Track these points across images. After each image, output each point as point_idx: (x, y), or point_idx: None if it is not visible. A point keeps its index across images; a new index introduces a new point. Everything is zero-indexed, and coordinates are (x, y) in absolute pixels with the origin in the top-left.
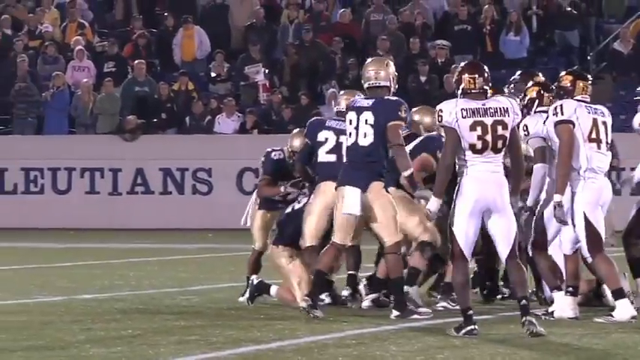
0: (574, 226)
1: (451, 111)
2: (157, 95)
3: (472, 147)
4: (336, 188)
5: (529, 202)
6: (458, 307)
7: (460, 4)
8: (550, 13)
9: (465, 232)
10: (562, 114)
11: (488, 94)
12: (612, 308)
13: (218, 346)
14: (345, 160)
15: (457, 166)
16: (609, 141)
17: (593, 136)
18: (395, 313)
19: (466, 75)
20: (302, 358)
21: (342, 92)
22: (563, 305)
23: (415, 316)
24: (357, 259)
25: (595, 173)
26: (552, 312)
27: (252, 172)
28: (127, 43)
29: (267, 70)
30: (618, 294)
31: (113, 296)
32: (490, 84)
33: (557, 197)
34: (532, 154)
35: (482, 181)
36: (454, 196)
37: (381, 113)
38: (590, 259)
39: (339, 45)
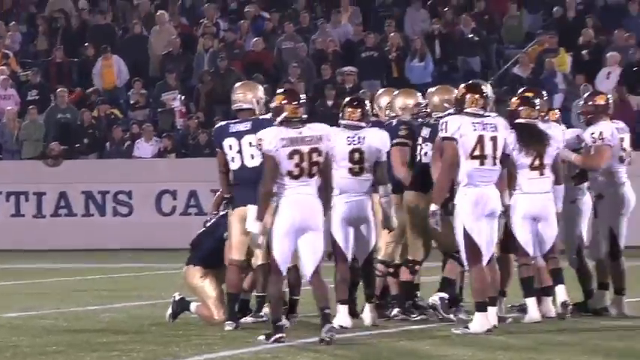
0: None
1: (271, 140)
2: (79, 122)
3: (289, 173)
4: (233, 209)
5: None
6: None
7: (364, 31)
8: (453, 40)
9: (281, 249)
10: (446, 131)
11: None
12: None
13: None
14: (235, 182)
15: (276, 188)
16: (497, 155)
17: (477, 152)
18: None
19: (287, 103)
20: None
21: None
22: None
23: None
24: (297, 280)
25: (475, 187)
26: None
27: (170, 194)
28: (50, 71)
29: (183, 97)
30: (480, 307)
31: (39, 314)
32: (304, 112)
33: (432, 207)
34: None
35: (299, 203)
36: (274, 216)
37: None
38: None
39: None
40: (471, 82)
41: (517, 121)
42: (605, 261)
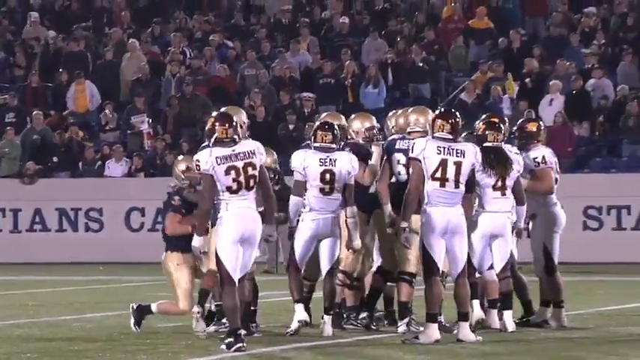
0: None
1: (207, 160)
2: (53, 142)
3: (229, 188)
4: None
5: None
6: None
7: (322, 59)
8: (405, 68)
9: (229, 259)
10: (412, 152)
11: (238, 141)
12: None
13: None
14: None
15: (216, 202)
16: (461, 179)
17: (438, 175)
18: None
19: (218, 126)
20: None
21: None
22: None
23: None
24: (254, 291)
25: (435, 207)
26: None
27: (139, 211)
28: (26, 95)
29: (151, 120)
30: (431, 318)
31: (14, 323)
32: (238, 133)
33: (403, 224)
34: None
35: (241, 215)
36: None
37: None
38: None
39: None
40: (443, 109)
41: (485, 144)
42: (542, 277)
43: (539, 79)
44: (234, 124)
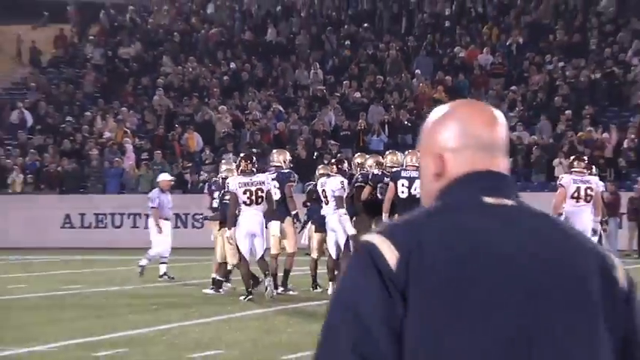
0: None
1: (233, 184)
2: (165, 170)
3: (244, 202)
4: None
5: None
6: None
7: (343, 119)
8: (395, 125)
9: (243, 246)
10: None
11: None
12: None
13: None
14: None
15: (237, 210)
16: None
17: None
18: None
19: (243, 162)
20: None
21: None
22: None
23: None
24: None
25: None
26: None
27: None
28: (154, 141)
29: (233, 157)
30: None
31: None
32: (255, 167)
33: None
34: None
35: (249, 219)
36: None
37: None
38: None
39: None
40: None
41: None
42: None
43: None
44: (254, 161)
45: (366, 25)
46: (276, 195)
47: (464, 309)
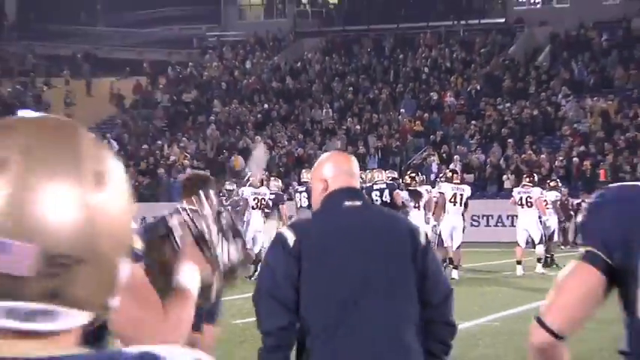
0: None
1: (245, 192)
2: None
3: (252, 207)
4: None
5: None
6: None
7: (346, 148)
8: (387, 150)
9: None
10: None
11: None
12: None
13: None
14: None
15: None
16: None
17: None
18: None
19: (252, 177)
20: None
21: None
22: None
23: None
24: None
25: None
26: None
27: None
28: (207, 164)
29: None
30: None
31: None
32: (261, 182)
33: None
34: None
35: (256, 219)
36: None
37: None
38: None
39: None
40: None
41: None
42: None
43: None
44: (263, 177)
45: (363, 75)
46: (305, 203)
47: (325, 264)
